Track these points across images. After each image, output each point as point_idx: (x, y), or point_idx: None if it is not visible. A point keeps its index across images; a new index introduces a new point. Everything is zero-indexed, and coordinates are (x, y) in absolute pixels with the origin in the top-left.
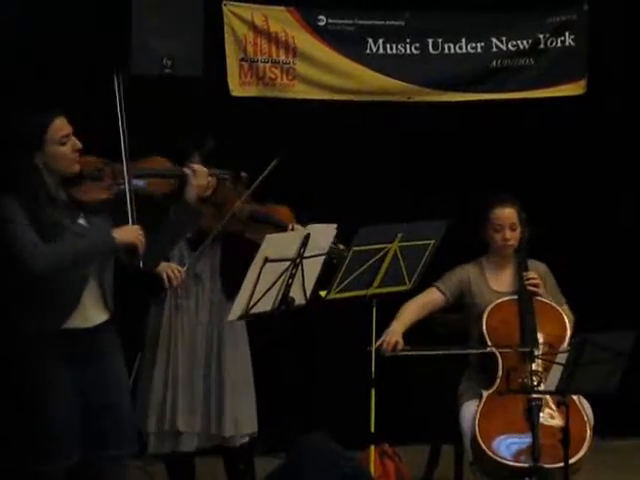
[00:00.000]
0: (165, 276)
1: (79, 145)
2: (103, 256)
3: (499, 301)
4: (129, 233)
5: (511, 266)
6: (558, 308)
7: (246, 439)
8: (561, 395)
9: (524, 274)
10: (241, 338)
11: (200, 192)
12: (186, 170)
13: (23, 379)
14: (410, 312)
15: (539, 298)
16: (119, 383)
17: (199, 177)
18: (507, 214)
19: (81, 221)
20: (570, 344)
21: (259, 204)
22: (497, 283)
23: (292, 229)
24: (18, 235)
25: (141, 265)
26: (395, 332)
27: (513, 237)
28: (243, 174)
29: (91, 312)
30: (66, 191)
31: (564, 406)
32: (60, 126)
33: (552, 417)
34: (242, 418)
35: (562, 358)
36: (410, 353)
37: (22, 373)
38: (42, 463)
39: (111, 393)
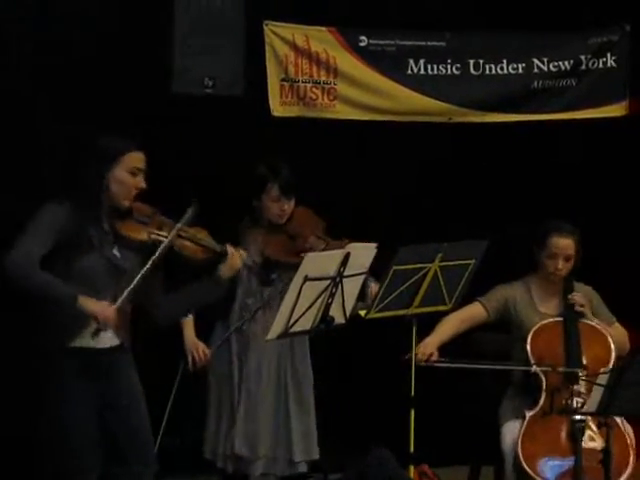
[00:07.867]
0: (190, 357)
1: (144, 185)
2: (58, 305)
3: (545, 322)
4: (96, 307)
5: (559, 289)
6: (603, 331)
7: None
8: (603, 416)
9: (569, 296)
10: (307, 360)
11: (233, 273)
12: (228, 249)
13: (43, 393)
14: (449, 326)
15: (585, 320)
16: (136, 402)
17: (235, 259)
18: (565, 245)
19: (115, 251)
20: (615, 365)
21: (331, 239)
22: (544, 305)
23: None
24: (25, 238)
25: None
26: (430, 344)
27: (565, 268)
28: None
29: (102, 335)
30: (109, 221)
31: (605, 427)
32: (138, 158)
33: (592, 439)
34: (310, 443)
35: (604, 380)
36: (444, 365)
37: (42, 387)
38: (65, 478)
39: (130, 412)
